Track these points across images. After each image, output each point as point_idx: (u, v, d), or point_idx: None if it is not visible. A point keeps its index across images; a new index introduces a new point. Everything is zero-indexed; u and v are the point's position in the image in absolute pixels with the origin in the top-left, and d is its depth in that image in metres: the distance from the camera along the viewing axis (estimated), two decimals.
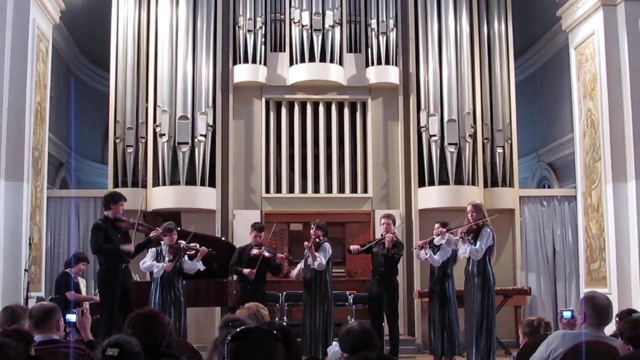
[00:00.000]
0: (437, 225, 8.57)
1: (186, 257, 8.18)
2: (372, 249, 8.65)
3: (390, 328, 8.53)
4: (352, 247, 8.84)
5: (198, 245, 8.19)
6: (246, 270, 8.34)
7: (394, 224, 8.74)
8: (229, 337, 2.44)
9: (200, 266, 8.20)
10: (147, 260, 8.15)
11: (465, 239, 7.79)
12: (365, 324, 3.71)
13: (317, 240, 8.42)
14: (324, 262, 8.31)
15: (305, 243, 8.43)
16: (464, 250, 7.82)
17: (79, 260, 8.90)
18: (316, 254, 8.30)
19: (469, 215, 7.93)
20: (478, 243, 7.74)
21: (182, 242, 8.15)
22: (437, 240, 8.18)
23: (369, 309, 8.76)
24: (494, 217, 8.48)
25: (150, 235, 7.95)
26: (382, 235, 8.63)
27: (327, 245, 8.44)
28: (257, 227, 8.69)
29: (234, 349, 2.41)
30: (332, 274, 8.65)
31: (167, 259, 8.07)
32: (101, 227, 7.69)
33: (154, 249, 8.16)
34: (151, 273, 8.38)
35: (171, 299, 8.00)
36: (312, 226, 8.53)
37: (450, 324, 8.30)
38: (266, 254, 8.40)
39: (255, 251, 8.42)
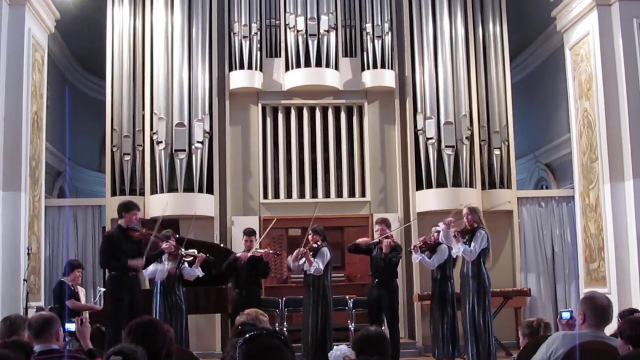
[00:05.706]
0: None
1: (186, 264, 8.18)
2: (371, 251, 8.64)
3: (391, 331, 8.51)
4: (361, 240, 8.81)
5: (196, 252, 8.20)
6: (239, 254, 8.47)
7: (389, 227, 8.72)
8: (241, 341, 2.46)
9: (199, 272, 8.18)
10: (150, 267, 8.10)
11: (459, 237, 7.81)
12: (381, 331, 3.73)
13: (314, 245, 8.40)
14: (321, 267, 8.28)
15: (301, 249, 8.37)
16: (457, 249, 7.85)
17: (73, 268, 8.85)
18: (312, 259, 8.28)
19: (465, 218, 7.97)
20: (472, 244, 7.78)
21: (181, 249, 8.15)
22: (440, 229, 8.19)
23: (368, 313, 8.74)
24: (503, 204, 9.07)
25: (163, 247, 7.96)
26: (379, 240, 8.62)
27: (325, 250, 8.40)
28: (246, 232, 8.77)
29: (246, 351, 2.44)
30: (331, 278, 8.64)
31: (167, 265, 8.05)
32: (112, 238, 7.77)
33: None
34: (150, 281, 8.36)
35: (172, 305, 7.99)
36: (309, 232, 8.51)
37: (449, 325, 8.31)
38: (256, 254, 8.46)
39: (240, 254, 8.53)
